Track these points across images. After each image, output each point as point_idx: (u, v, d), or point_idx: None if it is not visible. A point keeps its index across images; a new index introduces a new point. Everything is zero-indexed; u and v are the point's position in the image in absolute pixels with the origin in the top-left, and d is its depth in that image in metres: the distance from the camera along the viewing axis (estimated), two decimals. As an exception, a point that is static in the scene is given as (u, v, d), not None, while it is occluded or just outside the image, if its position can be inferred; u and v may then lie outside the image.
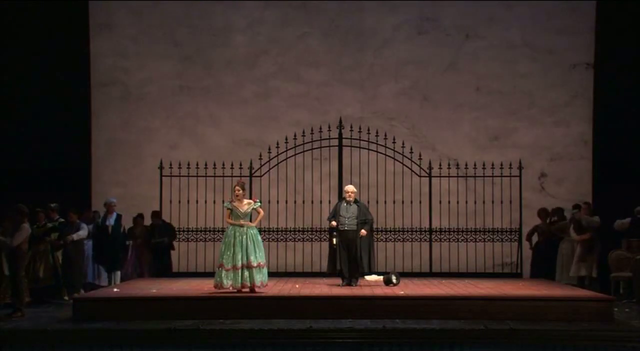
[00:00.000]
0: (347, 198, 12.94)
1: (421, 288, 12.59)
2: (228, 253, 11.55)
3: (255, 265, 11.54)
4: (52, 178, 16.33)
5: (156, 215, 15.25)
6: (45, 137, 16.72)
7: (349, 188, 13.11)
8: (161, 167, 15.42)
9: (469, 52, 17.11)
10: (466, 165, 15.67)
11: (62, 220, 13.90)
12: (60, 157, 16.64)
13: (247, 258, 11.54)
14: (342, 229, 12.84)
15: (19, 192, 15.50)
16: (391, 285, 12.76)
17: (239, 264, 11.49)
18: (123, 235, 14.75)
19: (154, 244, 14.96)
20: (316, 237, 15.69)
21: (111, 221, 14.53)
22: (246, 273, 11.52)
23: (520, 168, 15.47)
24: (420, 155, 15.55)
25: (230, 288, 11.50)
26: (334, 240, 12.86)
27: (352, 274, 12.77)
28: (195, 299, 11.38)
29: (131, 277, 14.65)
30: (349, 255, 12.78)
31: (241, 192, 11.86)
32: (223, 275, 11.51)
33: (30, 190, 15.60)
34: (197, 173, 15.47)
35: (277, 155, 15.51)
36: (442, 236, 15.65)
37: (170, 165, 15.43)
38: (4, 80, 16.82)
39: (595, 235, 14.19)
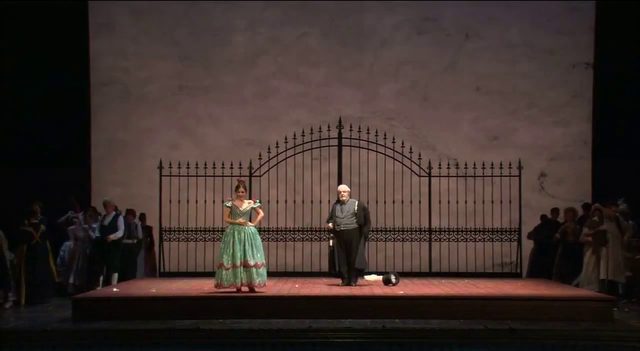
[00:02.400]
0: (341, 198, 12.92)
1: (421, 288, 12.59)
2: (227, 252, 11.53)
3: (252, 264, 11.51)
4: (51, 177, 16.34)
5: (130, 213, 14.98)
6: (45, 136, 16.74)
7: (341, 188, 13.09)
8: (161, 167, 15.40)
9: (469, 52, 17.14)
10: (466, 165, 15.67)
11: (41, 217, 13.71)
12: (60, 157, 16.66)
13: (245, 257, 11.52)
14: (338, 230, 12.82)
15: (18, 191, 15.54)
16: (390, 284, 12.75)
17: (238, 262, 11.49)
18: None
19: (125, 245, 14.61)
20: (316, 237, 15.69)
21: (107, 221, 14.13)
22: (244, 272, 11.50)
23: (519, 168, 15.46)
24: (419, 155, 15.55)
25: (231, 287, 11.48)
26: (331, 241, 12.85)
27: (351, 274, 12.76)
28: (195, 299, 11.36)
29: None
30: (347, 254, 12.77)
31: (244, 192, 11.88)
32: (223, 274, 11.49)
33: (30, 189, 15.60)
34: (196, 173, 15.46)
35: (276, 155, 15.51)
36: (441, 236, 15.64)
37: (170, 165, 15.42)
38: (4, 79, 16.83)
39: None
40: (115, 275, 14.14)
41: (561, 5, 17.02)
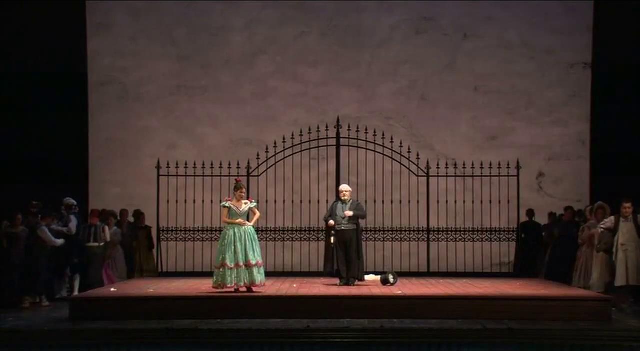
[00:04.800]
0: (343, 198, 12.91)
1: (419, 287, 12.57)
2: (230, 251, 11.49)
3: (254, 263, 11.50)
4: (49, 177, 16.32)
5: (95, 215, 14.20)
6: (43, 136, 16.73)
7: (344, 187, 13.07)
8: (158, 167, 15.39)
9: (467, 52, 17.13)
10: (464, 164, 15.66)
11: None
12: (58, 157, 16.65)
13: (247, 256, 11.50)
14: (339, 229, 12.81)
15: (17, 191, 15.52)
16: (388, 284, 12.74)
17: (241, 262, 11.46)
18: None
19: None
20: (314, 237, 15.68)
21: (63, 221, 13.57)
22: (246, 272, 11.48)
23: (518, 167, 15.47)
24: (418, 155, 15.54)
25: (234, 286, 11.44)
26: (332, 239, 12.82)
27: (350, 274, 12.75)
28: (193, 299, 11.34)
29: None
30: (346, 254, 12.76)
31: (244, 192, 11.87)
32: (227, 274, 11.43)
33: (28, 189, 15.57)
34: (194, 173, 15.45)
35: (274, 155, 15.50)
36: (439, 236, 15.65)
37: (168, 164, 15.40)
38: (2, 79, 16.81)
39: None
40: (77, 277, 13.51)
41: (559, 5, 17.04)
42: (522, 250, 15.43)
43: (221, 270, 11.51)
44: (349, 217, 12.71)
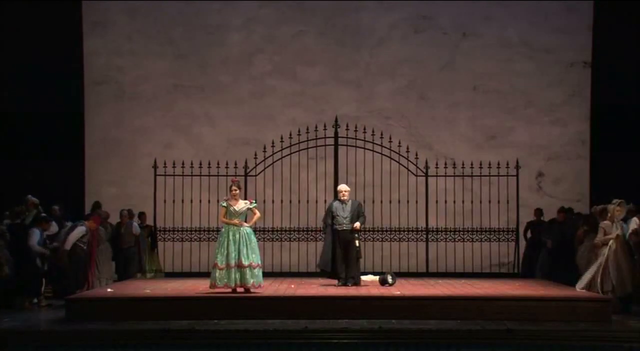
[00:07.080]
0: (342, 198, 12.84)
1: (417, 288, 12.53)
2: (222, 252, 11.45)
3: (246, 264, 11.41)
4: (46, 177, 16.26)
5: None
6: (39, 135, 16.67)
7: (343, 187, 13.01)
8: (155, 166, 15.33)
9: (466, 51, 17.07)
10: (463, 164, 15.60)
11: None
12: (54, 156, 16.59)
13: (239, 257, 11.43)
14: (340, 229, 12.75)
15: (15, 190, 15.46)
16: (387, 285, 12.69)
17: (232, 263, 11.40)
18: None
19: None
20: (312, 237, 15.63)
21: (27, 220, 13.20)
22: (237, 273, 11.40)
23: (517, 167, 15.43)
24: (416, 155, 15.50)
25: (225, 287, 11.39)
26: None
27: (349, 274, 12.69)
28: (190, 299, 11.29)
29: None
30: (346, 255, 12.69)
31: (237, 191, 11.77)
32: (217, 274, 11.41)
33: (26, 189, 15.50)
34: (191, 173, 15.39)
35: (272, 154, 15.45)
36: (438, 236, 15.61)
37: (165, 164, 15.34)
38: (-2, 78, 16.81)
39: None
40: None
41: (559, 4, 16.99)
42: (526, 249, 15.33)
43: (213, 269, 11.48)
44: (351, 220, 12.66)
